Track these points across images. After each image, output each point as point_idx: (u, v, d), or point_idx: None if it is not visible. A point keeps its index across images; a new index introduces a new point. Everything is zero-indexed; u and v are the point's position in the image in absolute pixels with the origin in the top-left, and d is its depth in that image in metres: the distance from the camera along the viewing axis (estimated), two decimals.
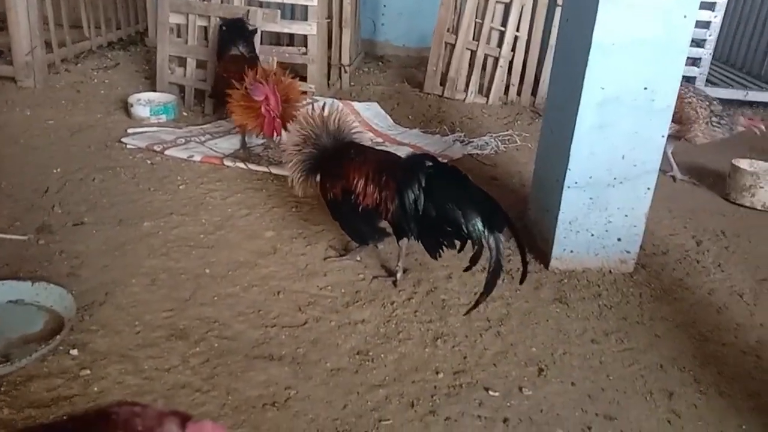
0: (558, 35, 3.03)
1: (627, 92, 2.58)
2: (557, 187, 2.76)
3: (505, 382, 2.15)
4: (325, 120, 2.64)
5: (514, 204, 3.35)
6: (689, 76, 5.41)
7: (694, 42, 4.95)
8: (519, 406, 2.05)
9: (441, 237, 2.37)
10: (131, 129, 4.01)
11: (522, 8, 5.08)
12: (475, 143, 4.31)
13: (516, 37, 5.15)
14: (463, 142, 4.32)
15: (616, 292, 2.73)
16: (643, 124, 2.63)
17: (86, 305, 2.31)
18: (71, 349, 2.09)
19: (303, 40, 4.71)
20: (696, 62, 5.52)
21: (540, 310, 2.56)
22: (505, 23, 5.14)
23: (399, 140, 4.30)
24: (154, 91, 4.57)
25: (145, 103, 4.28)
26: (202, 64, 4.53)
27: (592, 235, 2.80)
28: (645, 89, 2.58)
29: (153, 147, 3.72)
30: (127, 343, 2.16)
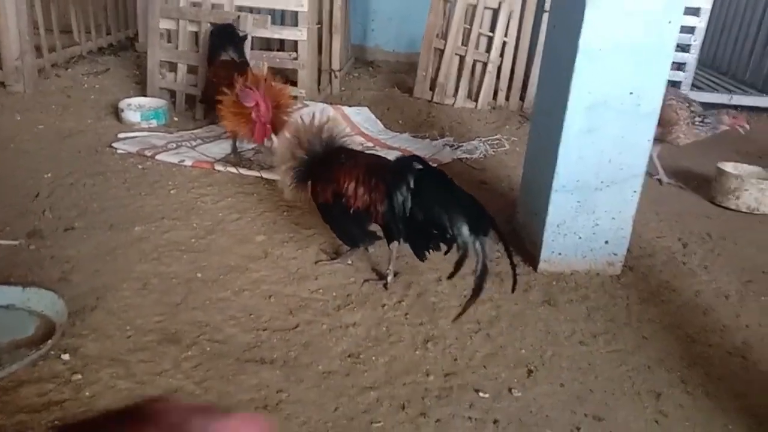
0: (545, 41, 3.06)
1: (613, 97, 2.61)
2: (545, 190, 2.79)
3: (495, 384, 2.17)
4: (317, 128, 2.66)
5: (502, 208, 3.38)
6: (675, 80, 5.48)
7: (679, 47, 5.01)
8: (509, 407, 2.08)
9: (427, 239, 2.39)
10: (122, 134, 4.01)
11: (510, 14, 5.13)
12: (465, 147, 4.34)
13: (504, 43, 5.20)
14: (452, 147, 4.35)
15: (604, 294, 2.75)
16: (630, 128, 2.66)
17: (77, 310, 2.31)
18: (62, 354, 2.09)
19: (293, 45, 4.73)
20: (681, 67, 5.60)
21: (529, 313, 2.58)
22: (493, 29, 5.17)
23: (389, 144, 4.32)
24: (144, 96, 4.57)
25: (136, 108, 4.27)
26: (193, 69, 4.53)
27: (579, 237, 2.83)
28: (631, 94, 2.61)
29: (144, 152, 3.72)
30: (119, 347, 2.16)
